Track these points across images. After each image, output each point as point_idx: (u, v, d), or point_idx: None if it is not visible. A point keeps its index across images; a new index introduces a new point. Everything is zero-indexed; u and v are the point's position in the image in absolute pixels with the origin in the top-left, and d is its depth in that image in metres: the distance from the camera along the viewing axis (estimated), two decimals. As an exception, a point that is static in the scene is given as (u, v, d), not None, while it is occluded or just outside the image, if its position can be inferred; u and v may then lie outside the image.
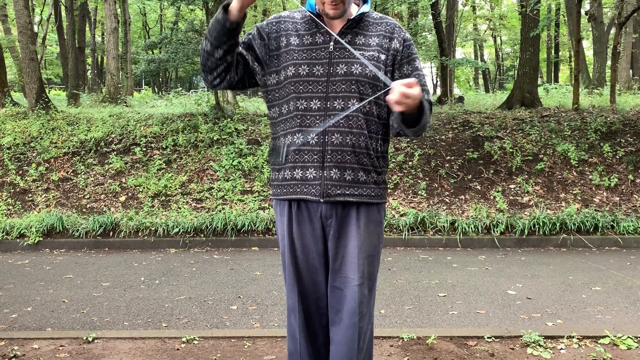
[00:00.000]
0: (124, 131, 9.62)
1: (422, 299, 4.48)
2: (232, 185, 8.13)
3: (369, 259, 2.03)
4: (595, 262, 5.74)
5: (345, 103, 1.92)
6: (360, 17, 1.98)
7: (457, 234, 6.78)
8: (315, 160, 1.94)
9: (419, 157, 8.45)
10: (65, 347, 3.34)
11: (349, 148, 1.93)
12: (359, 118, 1.94)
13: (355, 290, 1.99)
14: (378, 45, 1.97)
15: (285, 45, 1.98)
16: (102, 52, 25.68)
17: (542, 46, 20.68)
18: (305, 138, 1.93)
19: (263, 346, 3.30)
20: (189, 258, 6.28)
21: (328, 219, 1.99)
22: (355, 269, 1.99)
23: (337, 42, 1.93)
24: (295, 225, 2.03)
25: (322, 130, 1.92)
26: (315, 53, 1.94)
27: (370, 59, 1.93)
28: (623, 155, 8.16)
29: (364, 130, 1.95)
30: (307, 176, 1.95)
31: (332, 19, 1.94)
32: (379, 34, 1.99)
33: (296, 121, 1.95)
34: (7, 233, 7.17)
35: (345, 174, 1.94)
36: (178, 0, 10.91)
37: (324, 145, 1.93)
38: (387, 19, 2.04)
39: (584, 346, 3.22)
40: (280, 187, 2.03)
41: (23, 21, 11.07)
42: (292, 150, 1.96)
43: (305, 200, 1.99)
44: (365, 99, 1.92)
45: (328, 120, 1.91)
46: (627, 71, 19.18)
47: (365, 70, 1.92)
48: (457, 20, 17.63)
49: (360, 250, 1.99)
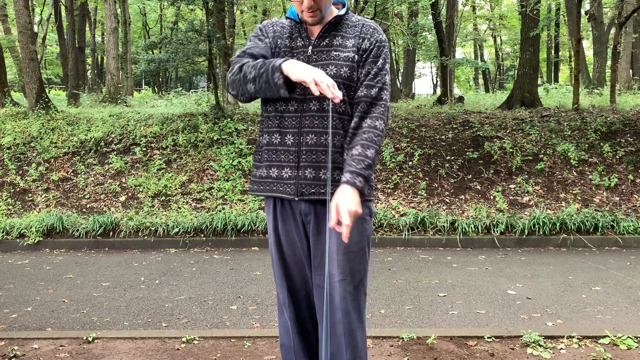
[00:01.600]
0: (124, 131, 9.62)
1: (422, 299, 4.48)
2: (232, 185, 8.13)
3: (350, 254, 2.03)
4: (595, 262, 5.75)
5: (320, 104, 1.98)
6: (337, 20, 2.05)
7: (457, 234, 6.78)
8: (291, 160, 2.01)
9: (419, 157, 8.45)
10: (65, 347, 3.34)
11: (323, 148, 1.98)
12: (333, 118, 1.99)
13: (337, 287, 2.00)
14: (353, 46, 2.03)
15: (276, 46, 2.08)
16: (102, 52, 25.69)
17: (542, 46, 20.68)
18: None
19: (263, 346, 3.30)
20: (189, 258, 6.28)
21: (307, 216, 2.04)
22: (335, 265, 2.01)
23: (316, 46, 2.03)
24: (281, 222, 2.10)
25: (298, 131, 2.00)
26: (295, 57, 2.02)
27: (345, 60, 2.00)
28: (623, 155, 8.16)
29: (339, 130, 2.00)
30: (283, 175, 2.03)
31: (312, 25, 2.03)
32: (355, 35, 2.05)
33: (275, 122, 2.05)
34: (7, 233, 7.17)
35: (321, 173, 1.99)
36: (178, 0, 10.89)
37: (299, 145, 2.00)
38: (366, 22, 2.09)
39: (584, 346, 3.22)
40: (258, 183, 2.12)
41: (23, 21, 11.07)
42: (270, 149, 2.05)
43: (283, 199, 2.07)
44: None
45: (304, 121, 1.99)
46: (627, 71, 19.17)
47: (340, 71, 1.99)
48: (457, 20, 17.63)
49: (339, 247, 2.00)
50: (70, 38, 17.28)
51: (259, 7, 27.35)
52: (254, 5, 27.03)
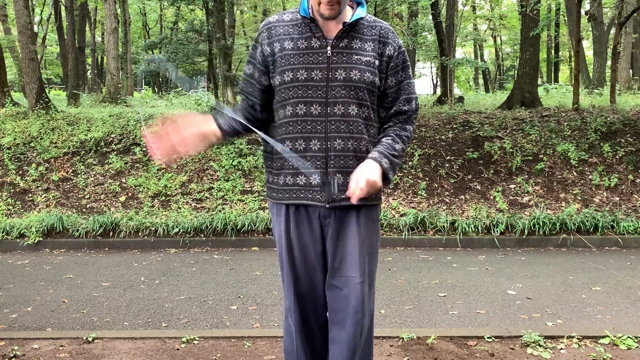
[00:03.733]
0: (124, 131, 9.62)
1: (422, 299, 4.48)
2: (232, 185, 8.14)
3: (369, 256, 2.05)
4: (595, 262, 5.74)
5: (345, 108, 1.94)
6: (356, 21, 1.97)
7: (457, 234, 6.78)
8: (319, 167, 1.95)
9: (419, 157, 8.45)
10: (65, 347, 3.34)
11: (351, 153, 1.95)
12: (359, 123, 1.96)
13: (358, 289, 2.00)
14: (373, 50, 1.98)
15: (279, 50, 1.96)
16: (102, 52, 25.67)
17: (542, 46, 20.68)
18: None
19: (263, 346, 3.30)
20: (189, 258, 6.28)
21: (327, 219, 2.00)
22: (357, 267, 2.00)
23: (335, 47, 1.94)
24: (293, 225, 2.04)
25: (325, 136, 1.94)
26: (313, 57, 1.93)
27: (366, 64, 1.95)
28: (623, 155, 8.16)
29: (364, 135, 1.98)
30: (311, 182, 1.96)
31: (328, 19, 1.92)
32: (373, 38, 1.99)
33: (297, 127, 1.96)
34: (7, 233, 7.17)
35: (349, 179, 1.93)
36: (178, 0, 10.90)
37: (327, 151, 1.94)
38: (381, 23, 2.04)
39: (584, 346, 3.22)
40: (282, 191, 2.03)
41: (23, 21, 11.07)
42: (294, 156, 1.96)
43: (306, 205, 2.01)
44: (363, 104, 1.97)
45: (329, 125, 1.94)
46: (627, 71, 19.17)
47: (364, 77, 1.94)
48: (457, 20, 17.62)
49: (361, 249, 2.01)
50: (70, 38, 17.28)
51: (259, 7, 27.34)
52: (254, 5, 27.01)
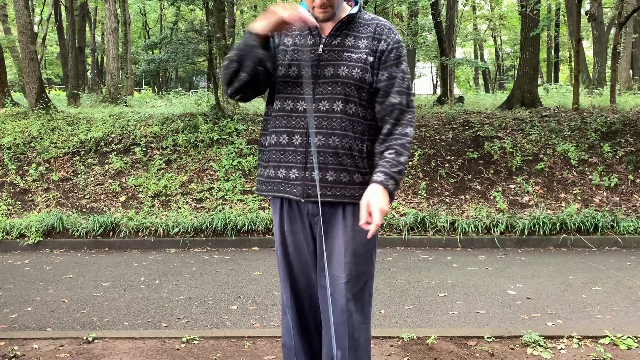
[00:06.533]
0: (124, 131, 9.62)
1: (422, 299, 4.48)
2: (232, 185, 8.13)
3: (357, 257, 2.03)
4: (595, 262, 5.74)
5: (330, 105, 1.96)
6: (350, 19, 1.99)
7: (457, 234, 6.78)
8: (299, 161, 1.99)
9: (419, 157, 8.45)
10: (65, 347, 3.34)
11: (330, 149, 1.96)
12: (342, 119, 1.96)
13: (343, 289, 2.00)
14: (367, 47, 1.98)
15: (281, 44, 2.04)
16: (102, 52, 25.68)
17: (542, 46, 20.67)
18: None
19: (263, 346, 3.30)
20: (189, 258, 6.28)
21: (314, 217, 2.02)
22: (342, 267, 2.00)
23: (327, 45, 1.97)
24: (287, 222, 2.08)
25: (306, 132, 1.97)
26: (305, 55, 1.98)
27: (357, 61, 1.96)
28: (623, 155, 8.16)
29: (348, 132, 1.97)
30: (290, 176, 2.00)
31: (322, 22, 1.97)
32: (369, 35, 2.00)
33: (282, 122, 2.02)
34: (7, 233, 7.17)
35: (327, 175, 1.96)
36: (178, 0, 10.90)
37: (307, 146, 1.97)
38: (380, 20, 2.03)
39: (584, 346, 3.22)
40: (265, 183, 2.10)
41: (23, 21, 11.07)
42: (278, 149, 2.02)
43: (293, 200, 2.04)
44: (350, 101, 1.96)
45: (312, 121, 1.96)
46: (627, 71, 19.16)
47: (352, 72, 1.95)
48: (457, 20, 17.62)
49: (347, 249, 2.00)
50: (70, 38, 17.28)
51: (259, 7, 27.34)
52: (254, 5, 27.01)
